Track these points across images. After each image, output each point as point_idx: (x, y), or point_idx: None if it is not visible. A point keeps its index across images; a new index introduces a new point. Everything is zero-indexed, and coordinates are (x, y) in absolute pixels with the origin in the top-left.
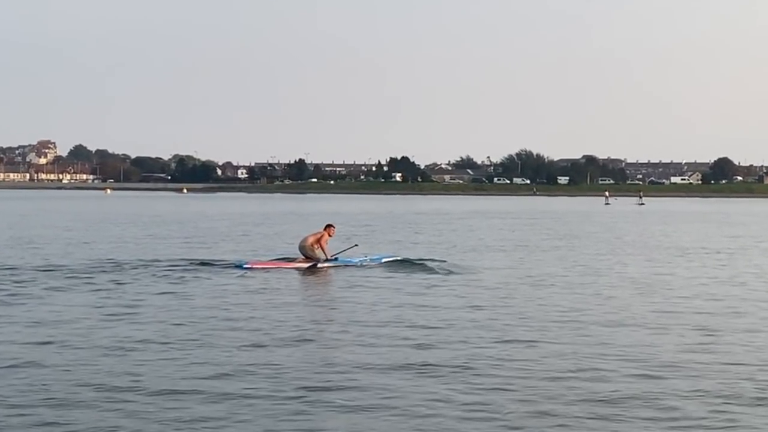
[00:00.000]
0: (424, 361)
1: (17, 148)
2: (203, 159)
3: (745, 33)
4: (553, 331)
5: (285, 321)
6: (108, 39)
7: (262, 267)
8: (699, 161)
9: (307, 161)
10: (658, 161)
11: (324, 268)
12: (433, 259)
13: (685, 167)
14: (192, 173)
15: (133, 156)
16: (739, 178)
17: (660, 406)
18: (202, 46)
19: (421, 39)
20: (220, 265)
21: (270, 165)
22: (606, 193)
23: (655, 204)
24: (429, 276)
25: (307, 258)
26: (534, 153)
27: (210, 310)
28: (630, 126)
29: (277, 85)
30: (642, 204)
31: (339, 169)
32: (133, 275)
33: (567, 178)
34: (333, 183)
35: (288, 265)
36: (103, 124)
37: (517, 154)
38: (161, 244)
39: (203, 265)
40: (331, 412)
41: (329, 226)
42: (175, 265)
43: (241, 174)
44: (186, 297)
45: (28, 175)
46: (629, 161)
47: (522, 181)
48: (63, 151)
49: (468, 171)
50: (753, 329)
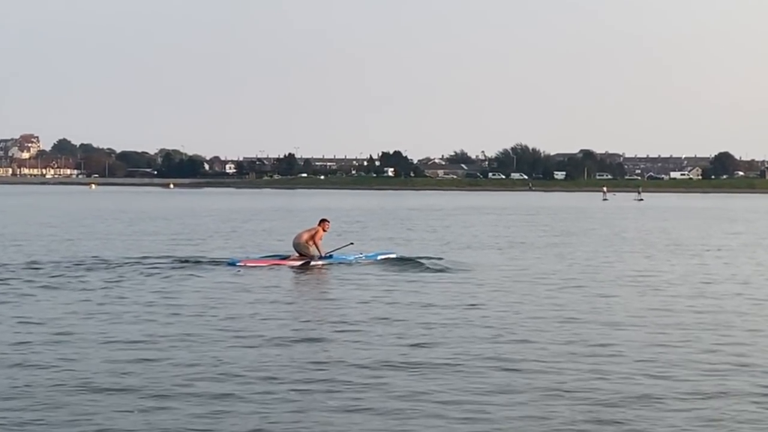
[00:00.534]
0: (418, 360)
1: None
2: (190, 153)
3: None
4: (550, 330)
5: (278, 319)
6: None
7: (255, 265)
8: (699, 156)
9: (297, 156)
10: (657, 156)
11: (318, 265)
12: (429, 257)
13: (685, 162)
14: (179, 168)
15: (119, 150)
16: (741, 173)
17: (660, 407)
18: (188, 38)
19: (414, 30)
20: (212, 263)
21: (259, 160)
22: (604, 189)
23: (654, 200)
24: (424, 274)
25: (302, 255)
26: (530, 147)
27: (201, 308)
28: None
29: (266, 78)
30: (641, 200)
31: (329, 164)
32: (120, 273)
33: (563, 173)
34: (323, 178)
35: (281, 263)
36: (88, 117)
37: (513, 148)
38: (148, 240)
39: (194, 263)
40: (324, 411)
41: (323, 220)
42: (163, 263)
43: (229, 169)
44: (176, 295)
45: (10, 170)
46: (627, 156)
47: (520, 176)
48: (46, 146)
49: (462, 166)
50: (756, 328)
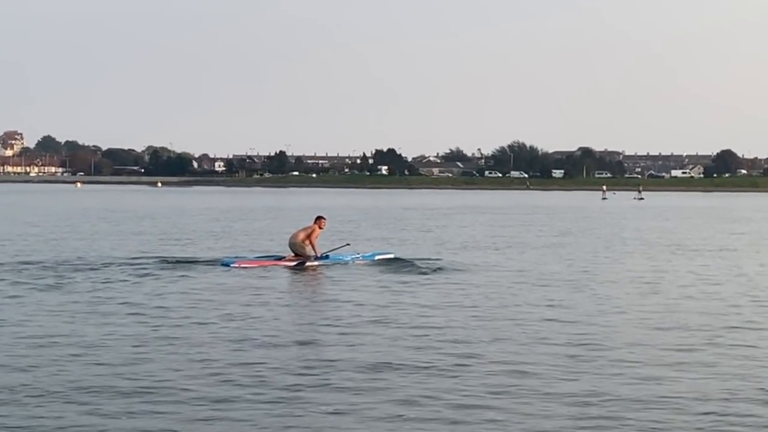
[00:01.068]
0: (414, 363)
1: None
2: (178, 151)
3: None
4: (547, 332)
5: (270, 321)
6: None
7: (249, 265)
8: (701, 153)
9: (288, 153)
10: (657, 153)
11: (314, 266)
12: (426, 258)
13: (686, 160)
14: (166, 166)
15: (105, 148)
16: (743, 171)
17: (662, 409)
18: (176, 33)
19: (409, 25)
20: (203, 264)
21: (249, 157)
22: (603, 187)
23: (655, 199)
24: (421, 275)
25: (297, 255)
26: (527, 145)
27: (191, 309)
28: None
29: (257, 74)
30: (641, 199)
31: (322, 162)
32: (106, 274)
33: (562, 171)
34: (315, 176)
35: (277, 264)
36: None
37: (510, 146)
38: (136, 240)
39: (185, 264)
40: (316, 414)
41: (320, 218)
42: (151, 264)
43: (219, 167)
44: (165, 296)
45: None
46: (627, 153)
47: (520, 175)
48: (30, 143)
49: (458, 164)
50: (761, 328)
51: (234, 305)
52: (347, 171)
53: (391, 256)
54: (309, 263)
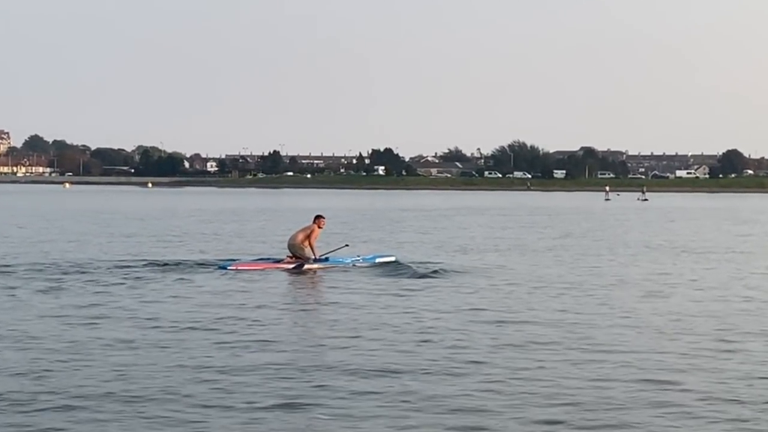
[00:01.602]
0: (414, 367)
1: None
2: (170, 151)
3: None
4: (550, 336)
5: (268, 325)
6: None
7: (247, 268)
8: (706, 153)
9: (283, 153)
10: (661, 153)
11: (312, 268)
12: (427, 261)
13: (691, 160)
14: (157, 166)
15: (94, 147)
16: (750, 171)
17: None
18: (167, 28)
19: (407, 23)
20: (198, 266)
21: (242, 157)
22: (606, 188)
23: (659, 200)
24: (420, 278)
25: (296, 257)
26: (528, 144)
27: (187, 313)
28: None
29: (250, 71)
30: (645, 200)
31: (317, 162)
32: (95, 277)
33: (563, 171)
34: (310, 177)
35: (275, 266)
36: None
37: (510, 145)
38: (126, 243)
39: (179, 267)
40: (313, 419)
41: (319, 217)
42: (143, 267)
43: (211, 167)
44: (161, 300)
45: None
46: (631, 153)
47: (523, 175)
48: (17, 142)
49: (457, 164)
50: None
51: (230, 309)
52: (343, 171)
53: (393, 259)
54: (308, 266)
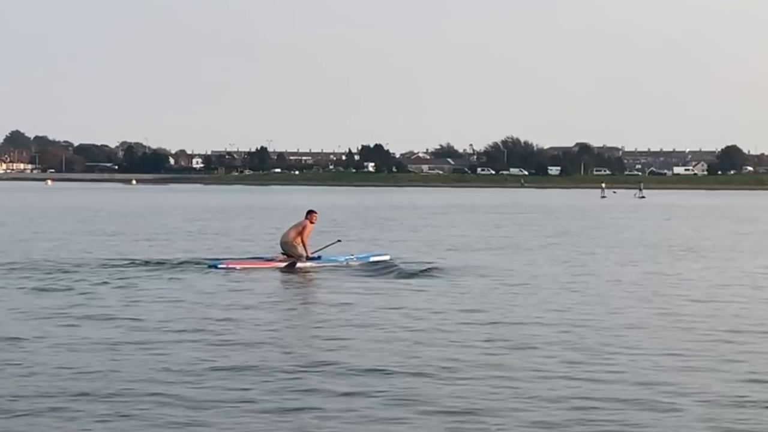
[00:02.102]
0: (405, 366)
1: None
2: (154, 147)
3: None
4: (545, 336)
5: (259, 324)
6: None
7: (238, 267)
8: (705, 149)
9: (270, 149)
10: (659, 149)
11: (305, 267)
12: (419, 260)
13: (690, 156)
14: (141, 163)
15: (77, 143)
16: (750, 168)
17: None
18: (152, 20)
19: (397, 15)
20: (191, 265)
21: (228, 153)
22: (602, 185)
23: (657, 197)
24: (412, 277)
25: (289, 256)
26: (522, 140)
27: (172, 313)
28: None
29: (236, 65)
30: (642, 197)
31: (305, 158)
32: (78, 276)
33: (558, 168)
34: (298, 174)
35: (266, 265)
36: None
37: (503, 141)
38: (111, 241)
39: (169, 266)
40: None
41: (311, 212)
42: (128, 266)
43: (197, 164)
44: (148, 299)
45: None
46: (627, 149)
47: (519, 171)
48: None
49: (448, 160)
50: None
51: (220, 309)
52: (332, 168)
53: (387, 257)
54: (300, 264)
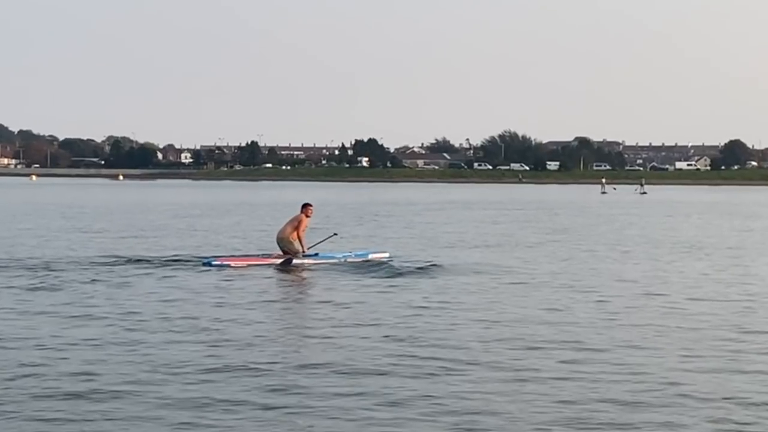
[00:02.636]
0: (401, 366)
1: None
2: (141, 141)
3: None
4: (544, 335)
5: (252, 323)
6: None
7: (233, 264)
8: (707, 144)
9: (261, 144)
10: (660, 144)
11: (301, 264)
12: (415, 258)
13: (692, 151)
14: (129, 157)
15: (62, 138)
16: (754, 163)
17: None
18: (139, 11)
19: (392, 6)
20: (183, 263)
21: (218, 148)
22: (602, 181)
23: (658, 193)
24: (408, 275)
25: (286, 252)
26: (519, 134)
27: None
28: (629, 104)
29: (226, 57)
30: (644, 193)
31: (297, 153)
32: (64, 275)
33: (557, 163)
34: (290, 169)
35: (262, 261)
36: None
37: (501, 135)
38: (98, 239)
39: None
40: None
41: (306, 205)
42: (117, 264)
43: (185, 158)
44: (139, 297)
45: None
46: (628, 144)
47: (520, 166)
48: None
49: (444, 155)
50: None
51: (212, 306)
52: (324, 163)
53: (386, 255)
54: (296, 261)
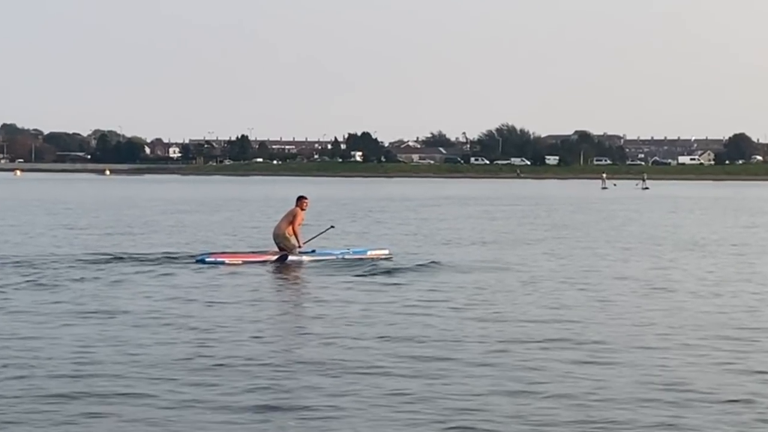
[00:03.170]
0: (397, 365)
1: None
2: (129, 135)
3: None
4: (543, 333)
5: (246, 321)
6: None
7: (227, 260)
8: (711, 138)
9: (251, 138)
10: (662, 138)
11: (297, 260)
12: (412, 254)
13: (695, 145)
14: (115, 152)
15: (47, 131)
16: (759, 157)
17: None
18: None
19: None
20: (176, 260)
21: (207, 142)
22: (603, 176)
23: (661, 188)
24: (404, 272)
25: (282, 249)
26: (517, 128)
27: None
28: (630, 96)
29: (215, 49)
30: (646, 188)
31: (288, 148)
32: (49, 273)
33: (556, 157)
34: (281, 164)
35: (256, 258)
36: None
37: (498, 129)
38: (82, 235)
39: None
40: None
41: (301, 198)
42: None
43: (174, 153)
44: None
45: None
46: (629, 138)
47: (522, 162)
48: None
49: (440, 149)
50: None
51: (205, 304)
52: (317, 158)
53: (386, 252)
54: (292, 257)
